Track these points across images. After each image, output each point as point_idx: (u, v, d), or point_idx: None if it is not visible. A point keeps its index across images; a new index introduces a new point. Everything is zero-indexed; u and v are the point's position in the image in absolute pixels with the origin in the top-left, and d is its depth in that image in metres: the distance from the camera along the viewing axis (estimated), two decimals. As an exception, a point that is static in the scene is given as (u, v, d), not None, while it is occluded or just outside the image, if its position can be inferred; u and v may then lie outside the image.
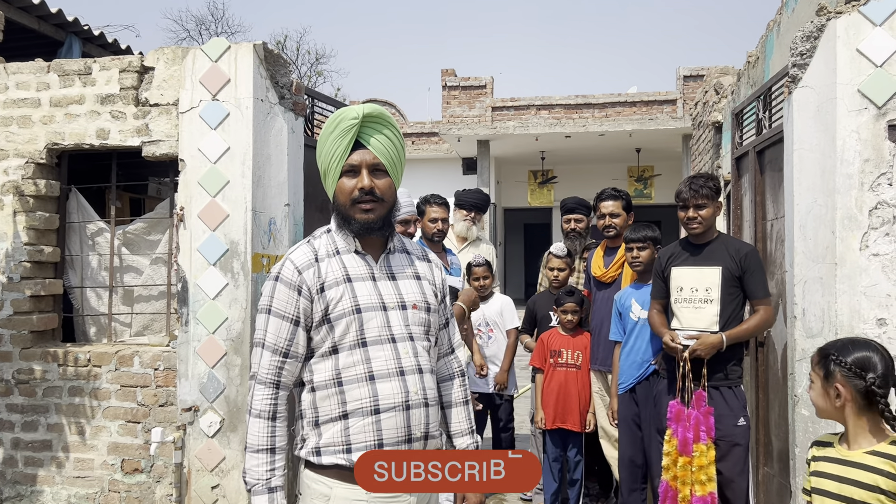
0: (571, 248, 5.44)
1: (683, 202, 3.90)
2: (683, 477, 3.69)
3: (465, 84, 16.75)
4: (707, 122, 7.37)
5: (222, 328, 4.25)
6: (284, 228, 4.48)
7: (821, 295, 3.64)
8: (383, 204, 2.19)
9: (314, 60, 27.00)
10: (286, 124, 4.47)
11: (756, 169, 4.82)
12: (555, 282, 5.19)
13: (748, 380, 4.72)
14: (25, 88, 4.62)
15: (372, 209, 2.17)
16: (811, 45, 3.73)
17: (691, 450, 3.67)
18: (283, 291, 2.15)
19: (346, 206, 2.18)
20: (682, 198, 3.90)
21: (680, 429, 3.71)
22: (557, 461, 4.86)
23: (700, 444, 3.66)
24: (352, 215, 2.18)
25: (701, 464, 3.66)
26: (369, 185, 2.16)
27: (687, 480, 3.69)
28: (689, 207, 3.87)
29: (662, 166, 15.41)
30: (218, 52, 4.31)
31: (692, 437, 3.67)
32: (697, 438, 3.67)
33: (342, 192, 2.18)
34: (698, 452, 3.66)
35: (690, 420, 3.69)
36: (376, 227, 2.19)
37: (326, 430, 2.13)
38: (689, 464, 3.68)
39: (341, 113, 2.18)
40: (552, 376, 4.83)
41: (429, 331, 2.27)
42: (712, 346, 3.70)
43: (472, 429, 2.42)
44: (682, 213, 3.92)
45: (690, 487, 3.68)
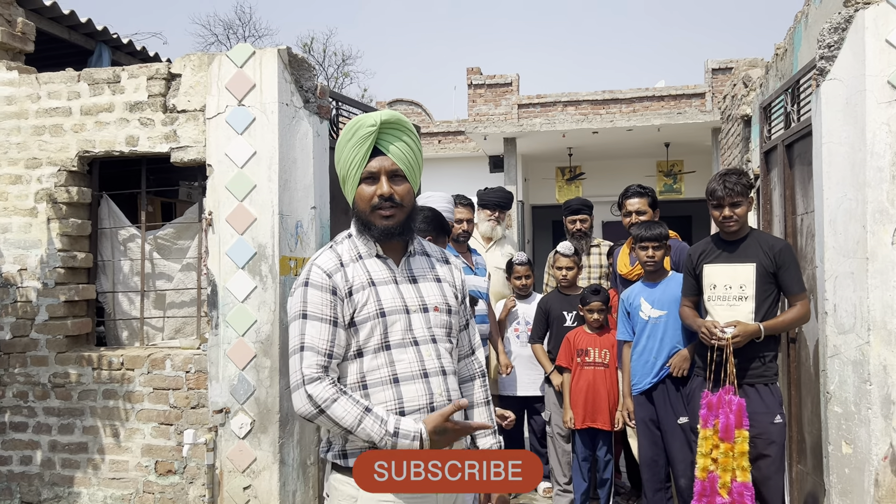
0: (578, 247, 5.50)
1: (718, 201, 3.80)
2: (725, 463, 3.64)
3: (491, 82, 16.71)
4: (736, 115, 7.29)
5: (251, 331, 4.30)
6: (311, 231, 4.51)
7: (852, 290, 3.58)
8: (403, 209, 2.21)
9: (341, 62, 27.13)
10: (311, 128, 4.50)
11: (785, 163, 4.76)
12: (563, 281, 5.14)
13: (780, 376, 4.67)
14: (57, 98, 4.71)
15: (392, 215, 2.19)
16: (839, 37, 3.67)
17: (733, 435, 3.62)
18: (316, 295, 2.14)
19: (366, 212, 2.20)
20: (716, 196, 3.80)
21: (721, 415, 3.66)
22: (587, 460, 4.84)
23: (742, 430, 3.61)
24: (372, 221, 2.20)
25: (743, 450, 3.61)
26: (389, 191, 2.17)
27: (728, 467, 3.63)
28: (725, 206, 3.78)
29: (692, 160, 15.24)
30: (243, 57, 4.35)
31: (735, 421, 3.62)
32: (740, 424, 3.62)
33: (362, 199, 2.20)
34: (741, 438, 3.61)
35: (732, 406, 3.64)
36: (396, 232, 2.21)
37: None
38: (730, 450, 3.63)
39: (359, 120, 2.19)
40: (580, 375, 4.81)
41: (450, 332, 2.29)
42: (750, 335, 3.65)
43: (494, 429, 2.43)
44: (717, 212, 3.83)
45: (731, 474, 3.63)
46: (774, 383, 3.77)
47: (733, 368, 3.67)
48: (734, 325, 3.66)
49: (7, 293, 4.75)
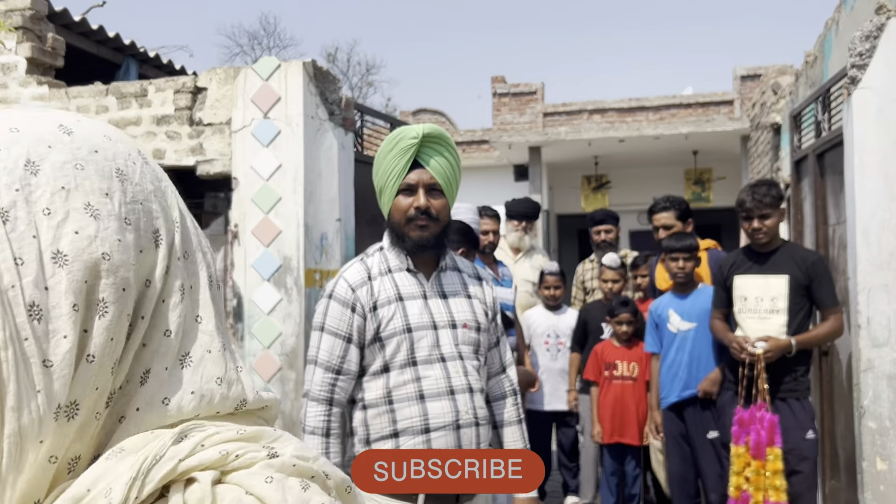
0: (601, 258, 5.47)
1: (747, 213, 3.73)
2: (757, 482, 3.57)
3: (516, 91, 16.68)
4: (765, 123, 7.20)
5: (277, 343, 4.30)
6: (336, 243, 4.52)
7: (886, 303, 3.51)
8: (438, 223, 2.20)
9: (365, 71, 27.26)
10: (336, 140, 4.51)
11: (816, 172, 4.68)
12: (609, 294, 5.10)
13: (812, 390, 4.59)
14: (86, 112, 4.77)
15: (426, 226, 2.18)
16: (871, 45, 3.60)
17: (765, 453, 3.55)
18: (337, 309, 2.17)
19: (400, 223, 2.20)
20: (745, 208, 3.73)
21: (752, 432, 3.60)
22: (615, 475, 4.78)
23: (775, 448, 3.54)
24: (406, 233, 2.20)
25: (775, 468, 3.53)
26: (425, 204, 2.17)
27: (761, 486, 3.56)
28: (754, 219, 3.71)
29: (720, 168, 15.08)
30: (268, 70, 4.38)
31: (766, 439, 3.55)
32: (772, 441, 3.55)
33: (398, 210, 2.20)
34: (772, 456, 3.54)
35: (764, 423, 3.57)
36: (429, 245, 2.20)
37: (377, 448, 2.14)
38: (762, 468, 3.56)
39: (401, 132, 2.19)
40: (608, 390, 4.75)
41: (478, 350, 2.27)
42: (781, 349, 3.58)
43: (526, 447, 2.40)
44: (746, 224, 3.76)
45: (763, 493, 3.56)
46: (806, 398, 3.69)
47: (765, 384, 3.60)
48: (765, 340, 3.59)
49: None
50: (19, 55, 4.87)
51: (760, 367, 3.59)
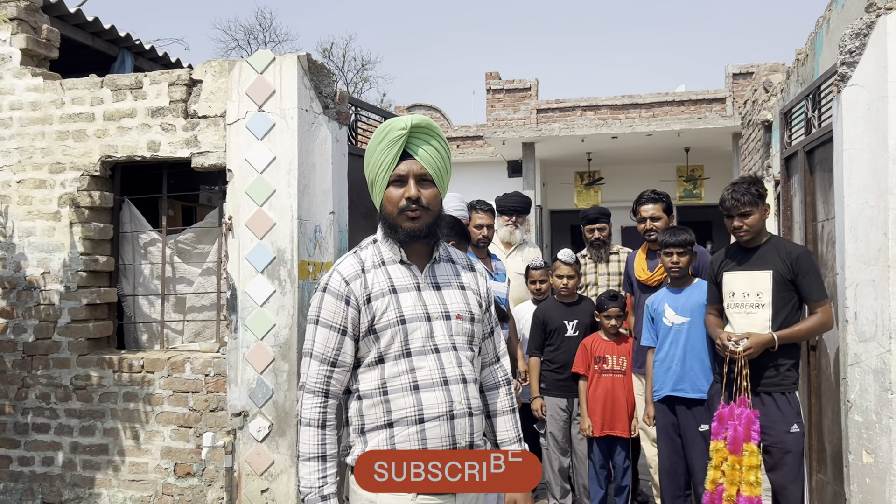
0: (596, 256, 5.59)
1: (728, 211, 3.81)
2: (732, 476, 3.62)
3: (510, 87, 16.71)
4: (756, 120, 7.24)
5: (270, 334, 4.33)
6: (329, 236, 4.54)
7: (873, 298, 3.55)
8: (429, 213, 2.23)
9: (360, 67, 27.23)
10: (330, 133, 4.53)
11: (805, 169, 4.73)
12: (564, 290, 5.05)
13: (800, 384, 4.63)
14: (80, 103, 4.77)
15: (418, 216, 2.20)
16: (861, 43, 3.64)
17: (741, 448, 3.59)
18: (331, 302, 2.20)
19: (392, 214, 2.22)
20: (725, 207, 3.82)
21: (730, 427, 3.64)
22: (604, 468, 4.82)
23: (751, 444, 3.58)
24: (398, 224, 2.22)
25: (751, 464, 3.58)
26: (416, 194, 2.19)
27: (735, 480, 3.61)
28: (734, 217, 3.79)
29: (712, 165, 15.15)
30: (263, 64, 4.39)
31: (743, 434, 3.59)
32: (748, 437, 3.59)
33: (389, 202, 2.22)
34: (748, 452, 3.58)
35: (742, 419, 3.61)
36: (422, 235, 2.22)
37: (372, 438, 2.18)
38: (738, 462, 3.61)
39: (390, 123, 2.21)
40: (598, 383, 4.78)
41: (472, 340, 2.29)
42: (762, 345, 3.63)
43: (519, 437, 2.44)
44: (729, 221, 3.84)
45: (738, 487, 3.61)
46: (792, 392, 3.72)
47: (745, 381, 3.65)
48: (747, 338, 3.64)
49: (30, 296, 4.81)
50: (14, 46, 4.87)
51: (741, 364, 3.64)
